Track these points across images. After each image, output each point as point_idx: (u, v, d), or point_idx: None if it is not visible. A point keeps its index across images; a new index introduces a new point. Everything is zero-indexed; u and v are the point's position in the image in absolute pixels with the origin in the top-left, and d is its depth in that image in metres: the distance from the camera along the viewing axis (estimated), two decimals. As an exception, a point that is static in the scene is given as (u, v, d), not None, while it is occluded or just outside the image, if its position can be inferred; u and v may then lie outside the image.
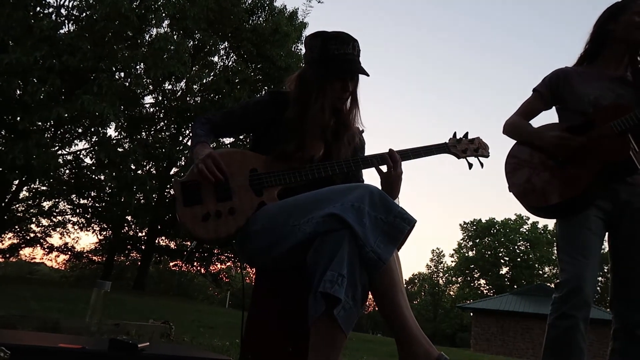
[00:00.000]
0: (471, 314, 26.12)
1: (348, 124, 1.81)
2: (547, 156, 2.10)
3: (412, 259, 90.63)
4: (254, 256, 1.61)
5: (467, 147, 1.79)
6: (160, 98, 15.69)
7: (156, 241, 19.06)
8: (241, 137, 13.70)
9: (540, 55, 68.69)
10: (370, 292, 1.39)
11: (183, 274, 34.51)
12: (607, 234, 2.08)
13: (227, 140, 16.01)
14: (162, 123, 16.38)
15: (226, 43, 15.87)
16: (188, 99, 15.28)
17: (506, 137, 2.29)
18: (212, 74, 15.64)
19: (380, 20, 78.12)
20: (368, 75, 1.74)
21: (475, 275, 46.39)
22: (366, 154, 1.86)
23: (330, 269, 1.30)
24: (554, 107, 2.29)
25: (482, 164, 1.80)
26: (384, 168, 1.69)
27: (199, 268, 21.83)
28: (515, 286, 37.90)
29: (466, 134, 1.82)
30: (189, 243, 19.14)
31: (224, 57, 16.62)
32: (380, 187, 1.67)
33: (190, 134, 1.89)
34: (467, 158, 1.79)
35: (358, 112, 1.83)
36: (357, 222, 1.32)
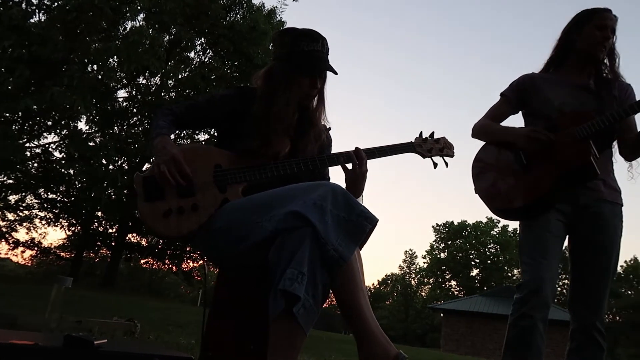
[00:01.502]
0: (441, 314, 26.47)
1: (315, 121, 1.81)
2: (513, 160, 2.13)
3: (385, 260, 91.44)
4: (216, 253, 1.59)
5: (432, 147, 1.81)
6: (134, 92, 15.43)
7: (127, 238, 18.74)
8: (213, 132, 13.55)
9: (511, 57, 69.84)
10: (331, 291, 1.39)
11: (154, 272, 33.98)
12: (567, 236, 2.13)
13: (202, 137, 15.86)
14: (136, 118, 16.10)
15: (203, 39, 15.72)
16: (163, 94, 15.06)
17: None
18: (187, 69, 15.45)
19: (353, 19, 78.30)
20: (336, 73, 1.75)
21: (447, 277, 47.07)
22: (333, 151, 1.86)
23: (290, 267, 1.29)
24: (520, 112, 2.33)
25: (446, 164, 1.82)
26: (349, 166, 1.69)
27: (170, 266, 21.54)
28: (485, 288, 38.59)
29: (432, 134, 1.84)
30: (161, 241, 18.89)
31: (201, 53, 16.46)
32: (345, 185, 1.67)
33: (151, 124, 1.85)
34: (432, 157, 1.80)
35: (324, 110, 1.83)
36: (319, 220, 1.32)
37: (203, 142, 14.77)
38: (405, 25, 76.25)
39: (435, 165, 1.81)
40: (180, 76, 14.79)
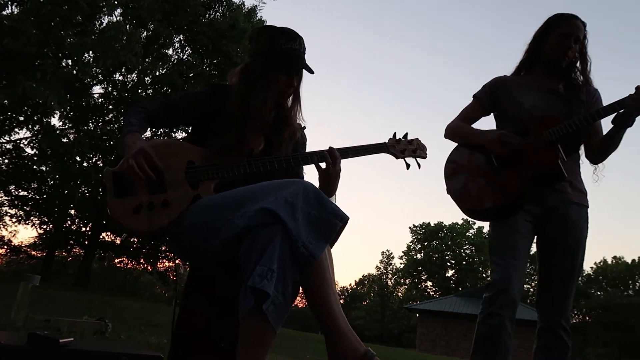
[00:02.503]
0: (417, 315, 26.74)
1: (290, 120, 1.82)
2: (484, 162, 2.17)
3: (363, 261, 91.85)
4: (187, 250, 1.58)
5: (405, 148, 1.82)
6: (109, 89, 15.17)
7: (101, 237, 18.42)
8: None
9: (484, 58, 70.80)
10: (301, 289, 1.39)
11: (129, 272, 33.47)
12: (535, 237, 2.18)
13: (180, 135, 15.68)
14: (112, 115, 15.83)
15: (181, 36, 15.55)
16: (140, 91, 14.85)
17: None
18: (165, 66, 15.26)
19: (330, 19, 78.43)
20: (313, 72, 1.75)
21: (423, 277, 47.57)
22: (307, 150, 1.86)
23: (260, 264, 1.29)
24: (492, 114, 2.37)
25: (419, 165, 1.84)
26: (323, 165, 1.70)
27: (145, 265, 21.24)
28: (460, 288, 39.13)
29: (406, 135, 1.86)
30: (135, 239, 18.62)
31: (179, 50, 16.28)
32: (318, 184, 1.68)
33: (122, 122, 1.81)
34: (406, 158, 1.82)
35: (300, 108, 1.84)
36: (290, 218, 1.32)
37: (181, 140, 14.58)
38: (380, 26, 76.78)
39: (408, 166, 1.83)
40: (157, 73, 14.62)
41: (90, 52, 11.36)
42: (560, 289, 2.07)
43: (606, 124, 2.15)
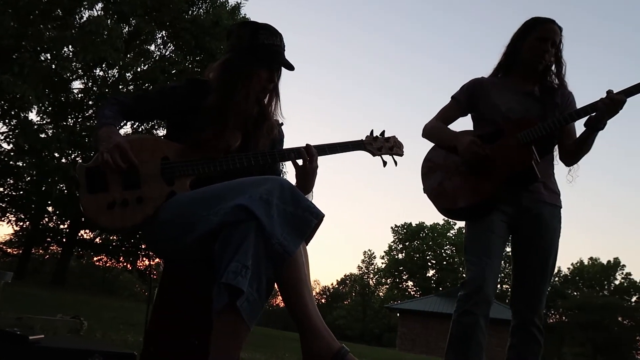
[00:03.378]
0: (398, 314, 26.89)
1: (268, 115, 1.81)
2: (460, 162, 2.19)
3: (345, 260, 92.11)
4: (162, 246, 1.57)
5: (382, 145, 1.83)
6: (90, 84, 14.93)
7: (79, 234, 18.13)
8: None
9: (463, 57, 71.27)
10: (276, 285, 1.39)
11: (108, 270, 33.03)
12: (510, 236, 2.22)
13: (162, 132, 15.51)
14: (91, 111, 15.58)
15: (164, 32, 15.38)
16: (120, 87, 14.64)
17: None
18: (147, 63, 15.09)
19: (310, 17, 78.42)
20: (293, 69, 1.75)
21: (404, 277, 47.89)
22: (285, 147, 1.86)
23: (234, 261, 1.29)
24: (469, 115, 2.40)
25: (396, 162, 1.85)
26: (300, 162, 1.70)
27: (125, 264, 20.97)
28: (440, 288, 39.48)
29: (383, 132, 1.86)
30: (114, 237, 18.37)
31: (161, 46, 16.11)
32: (295, 180, 1.68)
33: (96, 114, 1.78)
34: (382, 156, 1.83)
35: (278, 105, 1.83)
36: (265, 214, 1.32)
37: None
38: (361, 23, 77.02)
39: (384, 163, 1.84)
40: (139, 69, 14.44)
41: (70, 46, 11.19)
42: (533, 288, 2.11)
43: (579, 127, 2.20)
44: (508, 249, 2.31)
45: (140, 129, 15.90)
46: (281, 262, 1.33)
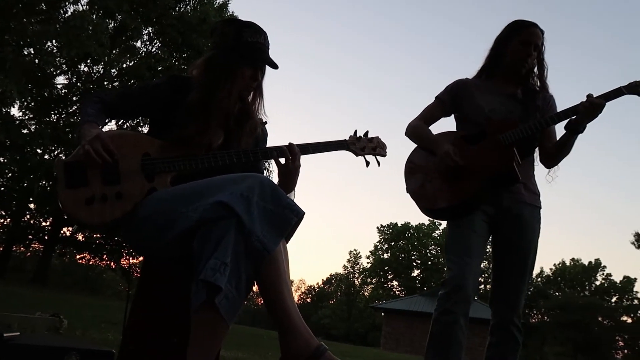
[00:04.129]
0: (382, 314, 27.02)
1: (251, 114, 1.81)
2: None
3: (330, 260, 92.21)
4: (141, 243, 1.56)
5: (365, 145, 1.84)
6: (74, 80, 14.74)
7: (62, 232, 17.89)
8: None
9: (448, 58, 71.81)
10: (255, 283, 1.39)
11: (91, 268, 32.65)
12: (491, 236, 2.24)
13: (145, 130, 15.36)
14: (75, 106, 15.38)
15: (150, 28, 15.23)
16: (106, 83, 14.49)
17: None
18: (133, 59, 14.93)
19: (295, 15, 78.40)
20: (277, 67, 1.75)
21: (389, 277, 48.10)
22: (268, 145, 1.86)
23: (213, 257, 1.28)
24: (452, 115, 2.42)
25: (378, 163, 1.86)
26: (283, 160, 1.70)
27: (108, 262, 20.74)
28: (425, 288, 39.76)
29: (366, 133, 1.87)
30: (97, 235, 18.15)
31: (148, 42, 15.95)
32: (277, 179, 1.68)
33: (79, 112, 1.76)
34: (365, 156, 1.84)
35: (262, 103, 1.83)
36: (245, 212, 1.31)
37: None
38: (344, 22, 77.07)
39: (367, 163, 1.85)
40: (125, 65, 14.29)
41: (54, 41, 11.03)
42: (512, 287, 2.14)
43: (560, 130, 2.23)
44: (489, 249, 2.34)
45: (125, 127, 15.73)
46: (260, 260, 1.32)
